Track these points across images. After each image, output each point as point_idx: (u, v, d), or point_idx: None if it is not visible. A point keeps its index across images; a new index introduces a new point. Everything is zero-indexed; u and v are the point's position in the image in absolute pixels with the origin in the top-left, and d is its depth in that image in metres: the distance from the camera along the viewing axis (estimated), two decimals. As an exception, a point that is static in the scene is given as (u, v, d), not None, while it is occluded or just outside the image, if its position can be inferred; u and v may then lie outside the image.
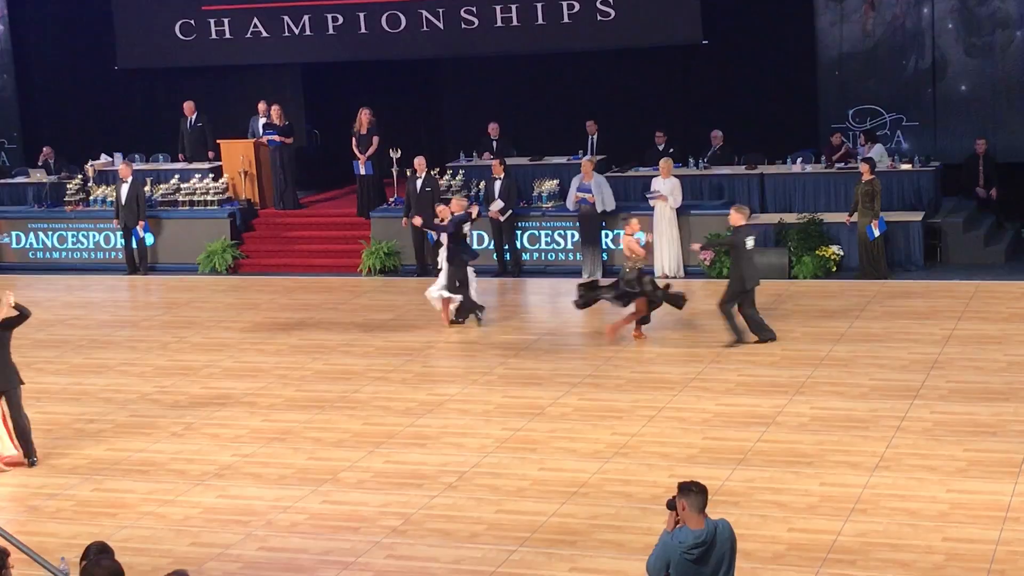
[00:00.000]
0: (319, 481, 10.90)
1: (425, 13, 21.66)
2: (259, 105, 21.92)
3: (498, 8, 21.29)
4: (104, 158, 22.44)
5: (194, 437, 12.27)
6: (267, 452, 11.75)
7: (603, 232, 18.85)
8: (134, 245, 20.56)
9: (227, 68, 23.28)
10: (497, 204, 19.01)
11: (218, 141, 21.96)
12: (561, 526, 9.74)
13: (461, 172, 20.39)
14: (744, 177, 19.47)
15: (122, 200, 20.39)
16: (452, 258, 15.83)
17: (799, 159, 19.56)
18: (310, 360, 14.83)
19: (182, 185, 21.30)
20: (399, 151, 20.37)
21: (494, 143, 21.23)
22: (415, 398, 13.18)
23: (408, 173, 19.53)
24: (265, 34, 22.46)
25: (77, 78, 24.65)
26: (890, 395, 12.41)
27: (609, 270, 18.70)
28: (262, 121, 21.73)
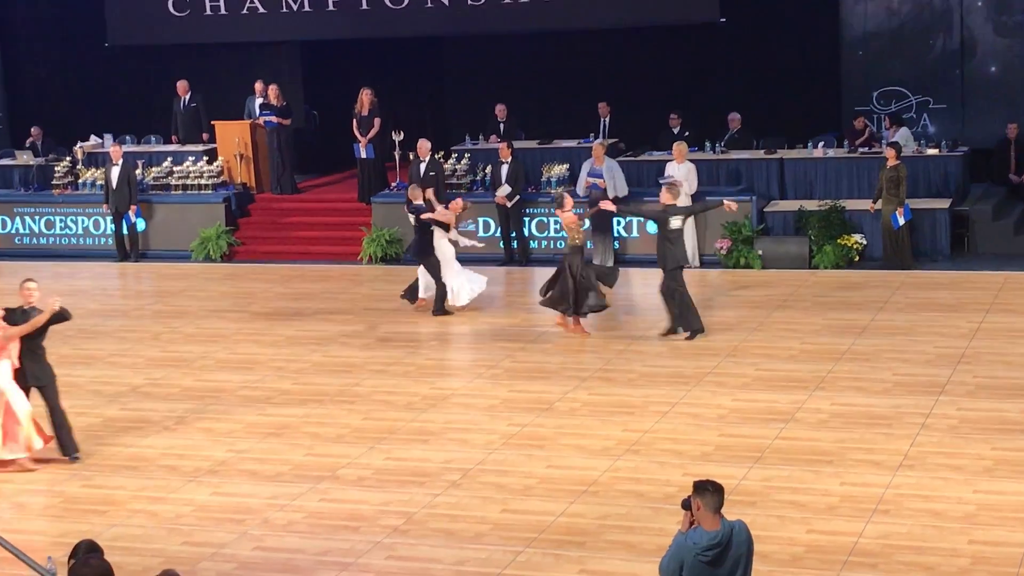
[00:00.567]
0: (317, 478, 10.92)
1: (430, -11, 21.65)
2: (256, 85, 21.92)
3: (506, -16, 21.26)
4: (94, 139, 22.46)
5: (187, 432, 12.30)
6: (263, 448, 11.77)
7: (615, 219, 18.83)
8: (124, 231, 20.60)
9: (222, 45, 23.27)
10: (504, 189, 19.01)
11: (213, 122, 21.98)
12: (570, 526, 9.75)
13: (466, 156, 20.40)
14: (763, 162, 19.44)
15: (112, 184, 20.43)
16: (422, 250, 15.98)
17: (821, 143, 19.54)
18: (308, 352, 14.85)
19: (175, 168, 21.32)
20: (402, 133, 20.37)
21: (501, 125, 21.22)
22: (417, 392, 13.19)
23: (411, 157, 19.53)
24: (262, 10, 22.45)
25: (66, 55, 24.67)
26: (914, 391, 12.41)
27: (621, 258, 18.70)
28: (259, 101, 21.73)
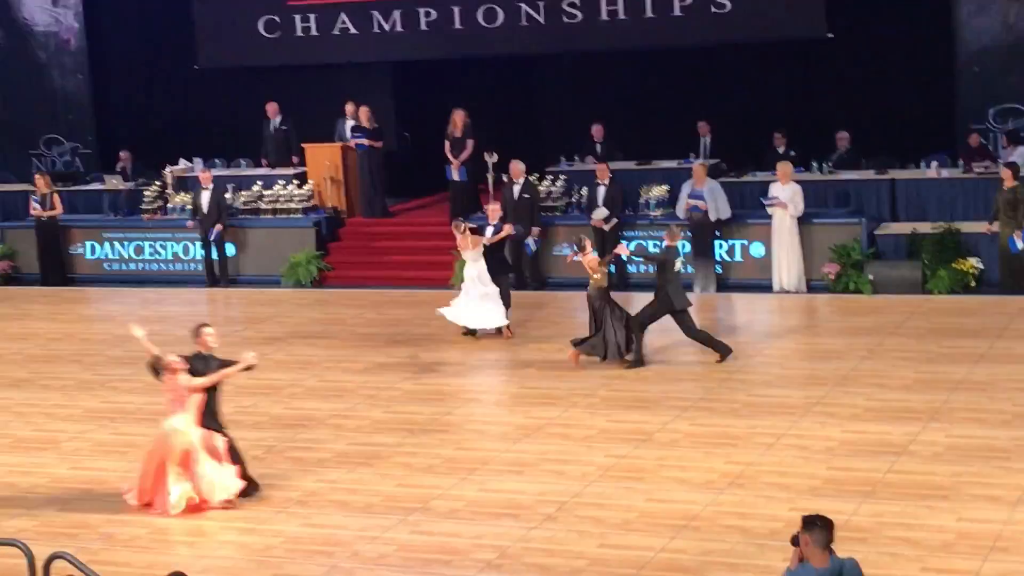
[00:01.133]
0: (408, 510, 10.95)
1: (524, 7, 21.74)
2: (346, 106, 22.15)
3: (603, 1, 21.29)
4: (183, 163, 22.79)
5: (276, 461, 12.39)
6: (353, 478, 11.83)
7: (717, 242, 18.73)
8: (214, 256, 20.86)
9: (313, 67, 23.55)
10: (601, 212, 18.98)
11: (303, 145, 22.23)
12: (670, 562, 9.67)
13: (562, 177, 20.41)
14: (873, 183, 19.25)
15: (203, 208, 20.73)
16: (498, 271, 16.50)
17: (934, 163, 19.30)
18: (399, 379, 14.91)
19: (265, 192, 21.56)
20: (495, 155, 20.42)
21: (598, 146, 21.21)
22: (511, 421, 13.19)
23: (504, 179, 19.58)
24: (353, 31, 22.70)
25: (155, 79, 25.12)
26: (1035, 423, 12.18)
27: (723, 283, 18.60)
28: (350, 123, 21.95)
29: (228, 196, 21.25)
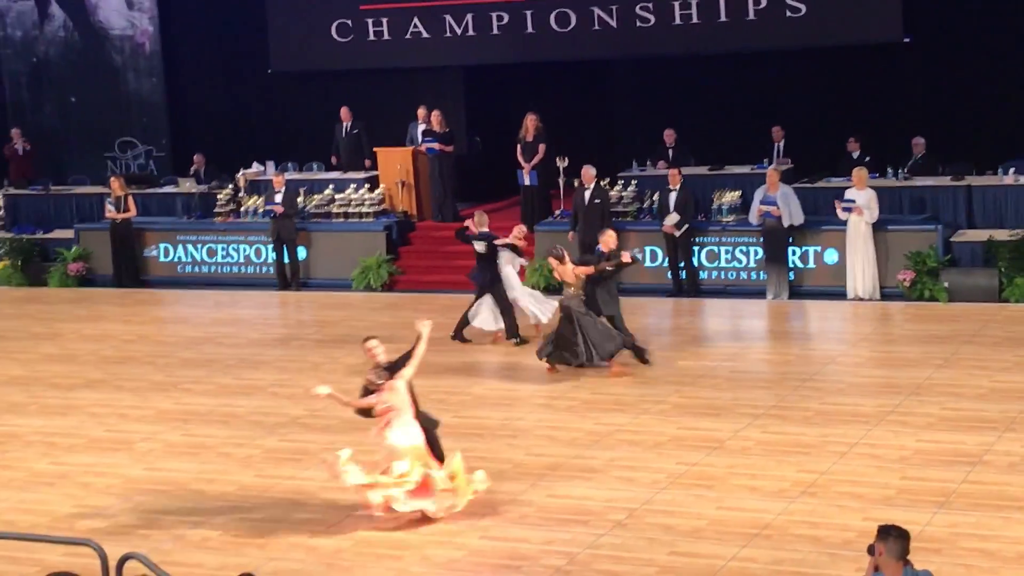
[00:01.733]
0: (478, 515, 10.98)
1: (597, 11, 21.75)
2: (418, 110, 22.26)
3: (677, 5, 21.26)
4: (256, 167, 23.00)
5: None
6: (423, 482, 11.86)
7: (790, 249, 18.63)
8: (285, 259, 21.03)
9: (385, 71, 23.68)
10: (673, 218, 18.94)
11: (375, 149, 22.36)
12: (741, 571, 9.64)
13: (633, 183, 20.38)
14: (949, 189, 19.05)
15: (275, 211, 20.88)
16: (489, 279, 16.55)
17: (1012, 169, 19.07)
18: (469, 384, 14.96)
19: (336, 196, 21.71)
20: (566, 160, 20.43)
21: (670, 151, 21.16)
22: (581, 427, 13.19)
23: (576, 184, 19.59)
24: (426, 34, 22.82)
25: (229, 82, 25.38)
26: (1115, 434, 12.01)
27: (795, 290, 18.49)
28: (421, 127, 22.05)
29: (300, 200, 21.41)
